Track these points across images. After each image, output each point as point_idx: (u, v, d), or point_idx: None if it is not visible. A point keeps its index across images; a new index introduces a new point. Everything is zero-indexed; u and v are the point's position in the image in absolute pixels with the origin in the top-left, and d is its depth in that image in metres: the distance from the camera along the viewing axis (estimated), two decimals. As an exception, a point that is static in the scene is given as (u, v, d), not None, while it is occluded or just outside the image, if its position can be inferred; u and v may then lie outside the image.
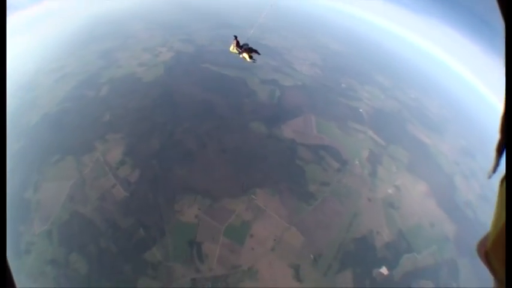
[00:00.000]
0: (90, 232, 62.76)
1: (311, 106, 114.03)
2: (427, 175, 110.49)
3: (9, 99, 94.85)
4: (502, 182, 2.25)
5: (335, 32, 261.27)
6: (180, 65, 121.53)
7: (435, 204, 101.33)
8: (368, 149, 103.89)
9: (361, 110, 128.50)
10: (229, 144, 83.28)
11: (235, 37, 22.99)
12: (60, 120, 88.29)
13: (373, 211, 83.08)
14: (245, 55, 22.90)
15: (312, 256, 67.44)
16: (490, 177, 2.58)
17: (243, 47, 22.89)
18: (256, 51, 23.76)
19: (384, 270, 72.72)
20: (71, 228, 63.41)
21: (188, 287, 57.42)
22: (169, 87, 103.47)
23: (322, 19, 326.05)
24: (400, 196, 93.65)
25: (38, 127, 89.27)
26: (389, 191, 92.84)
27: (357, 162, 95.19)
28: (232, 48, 23.12)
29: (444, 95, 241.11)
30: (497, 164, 2.44)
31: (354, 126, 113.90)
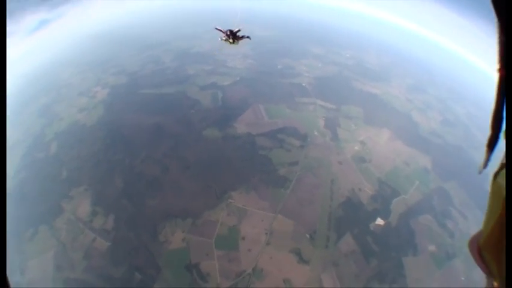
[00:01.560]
0: (89, 294, 63.42)
1: (255, 96, 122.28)
2: (386, 121, 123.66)
3: None
4: (494, 178, 2.42)
5: (258, 19, 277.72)
6: (118, 99, 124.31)
7: (403, 144, 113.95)
8: (322, 117, 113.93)
9: (304, 84, 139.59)
10: (190, 159, 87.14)
11: (230, 31, 24.88)
12: (21, 193, 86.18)
13: (347, 172, 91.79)
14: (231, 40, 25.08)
15: (307, 235, 73.16)
16: (480, 172, 2.79)
17: (236, 35, 25.05)
18: (248, 37, 26.24)
19: (379, 221, 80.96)
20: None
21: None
22: (115, 124, 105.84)
23: (242, 10, 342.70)
24: (367, 149, 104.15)
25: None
26: (356, 148, 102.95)
27: (316, 133, 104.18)
28: (226, 39, 24.98)
29: (378, 45, 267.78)
30: (488, 160, 2.68)
31: (302, 101, 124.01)
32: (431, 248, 79.27)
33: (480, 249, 2.56)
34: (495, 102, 2.47)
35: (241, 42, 25.78)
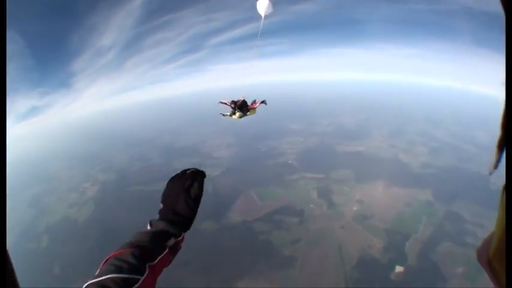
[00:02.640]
0: None
1: (245, 183, 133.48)
2: (377, 174, 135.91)
3: None
4: (504, 188, 2.41)
5: None
6: (108, 196, 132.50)
7: (399, 188, 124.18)
8: (314, 189, 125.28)
9: (290, 162, 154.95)
10: (188, 255, 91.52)
11: (234, 102, 21.04)
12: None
13: (352, 233, 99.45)
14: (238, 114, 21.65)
15: (331, 308, 77.61)
16: (491, 173, 2.80)
17: (244, 105, 21.22)
18: (263, 102, 22.23)
19: (398, 269, 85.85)
20: None
21: None
22: (107, 222, 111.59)
23: (216, 102, 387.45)
24: (366, 206, 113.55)
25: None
26: (355, 208, 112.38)
27: (312, 205, 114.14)
28: (237, 115, 21.08)
29: (351, 105, 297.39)
30: (498, 160, 2.67)
31: (291, 178, 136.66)
32: (459, 270, 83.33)
33: (489, 258, 2.61)
34: (505, 102, 2.47)
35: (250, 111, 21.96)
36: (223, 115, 22.14)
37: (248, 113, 21.60)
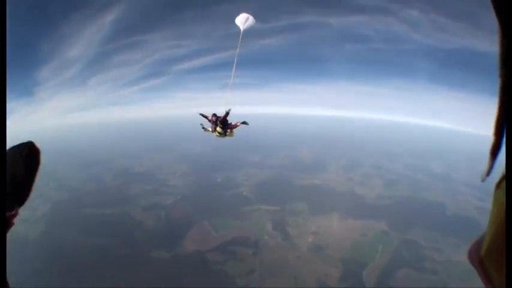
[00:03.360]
0: None
1: (199, 212, 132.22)
2: (332, 206, 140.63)
3: None
4: (496, 186, 2.47)
5: (192, 136, 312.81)
6: (60, 215, 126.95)
7: (354, 220, 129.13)
8: (269, 221, 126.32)
9: (245, 193, 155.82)
10: (139, 282, 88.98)
11: (216, 116, 21.36)
12: None
13: (308, 264, 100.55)
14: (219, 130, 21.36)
15: None
16: (483, 180, 2.84)
17: (226, 123, 21.33)
18: (244, 123, 22.72)
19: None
20: None
21: None
22: (57, 242, 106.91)
23: (175, 129, 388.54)
24: (321, 237, 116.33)
25: None
26: (310, 239, 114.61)
27: (266, 237, 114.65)
28: (217, 131, 21.30)
29: (308, 139, 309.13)
30: (491, 167, 2.74)
31: (246, 209, 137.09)
32: None
33: (481, 259, 2.62)
34: (497, 109, 2.55)
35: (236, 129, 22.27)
36: (204, 128, 21.98)
37: (227, 134, 21.42)
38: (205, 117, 22.06)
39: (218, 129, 21.11)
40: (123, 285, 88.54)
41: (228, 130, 21.41)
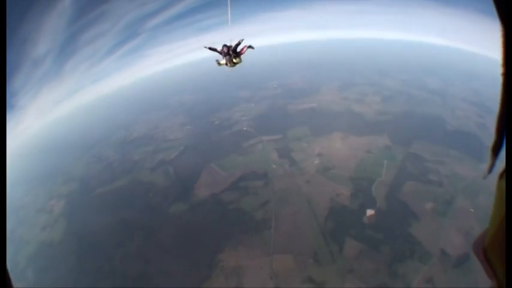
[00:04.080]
0: None
1: (204, 158, 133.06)
2: (333, 126, 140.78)
3: None
4: (500, 177, 2.54)
5: (181, 87, 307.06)
6: (76, 206, 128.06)
7: (357, 137, 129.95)
8: (274, 150, 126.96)
9: (245, 128, 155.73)
10: (167, 241, 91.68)
11: (227, 47, 20.64)
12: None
13: (318, 186, 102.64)
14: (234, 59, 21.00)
15: (311, 260, 79.83)
16: (485, 177, 3.01)
17: (237, 51, 21.02)
18: (250, 47, 22.09)
19: (369, 212, 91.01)
20: None
21: None
22: (82, 233, 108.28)
23: (161, 86, 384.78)
24: (327, 158, 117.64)
25: None
26: (316, 162, 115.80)
27: (274, 166, 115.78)
28: (226, 62, 20.91)
29: (297, 65, 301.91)
30: (492, 165, 2.80)
31: (249, 144, 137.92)
32: (429, 205, 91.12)
33: (485, 250, 2.72)
34: (499, 106, 2.62)
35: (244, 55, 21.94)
36: (218, 63, 21.59)
37: (236, 62, 21.08)
38: (214, 49, 21.36)
39: (235, 59, 20.95)
40: (151, 248, 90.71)
41: (238, 58, 21.27)
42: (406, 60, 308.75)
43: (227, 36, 21.19)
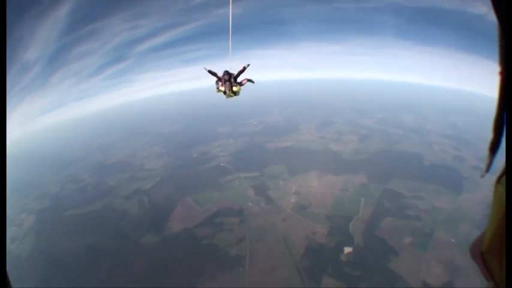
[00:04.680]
0: None
1: (180, 191, 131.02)
2: (310, 165, 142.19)
3: None
4: (497, 181, 2.55)
5: (160, 118, 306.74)
6: (46, 224, 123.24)
7: (333, 176, 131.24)
8: (250, 187, 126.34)
9: (222, 164, 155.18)
10: (136, 272, 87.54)
11: (228, 74, 19.79)
12: None
13: (294, 224, 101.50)
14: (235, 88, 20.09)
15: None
16: (483, 176, 3.04)
17: (237, 80, 20.32)
18: (250, 80, 21.60)
19: (347, 249, 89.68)
20: None
21: None
22: (50, 252, 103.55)
23: (143, 112, 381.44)
24: (304, 196, 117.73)
25: None
26: (293, 200, 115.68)
27: (250, 203, 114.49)
28: (227, 90, 19.88)
29: (277, 103, 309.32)
30: (490, 164, 2.85)
31: (226, 180, 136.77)
32: (408, 240, 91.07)
33: (483, 253, 2.74)
34: (497, 106, 2.64)
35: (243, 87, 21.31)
36: (218, 89, 20.12)
37: (235, 91, 20.04)
38: (214, 74, 20.36)
39: (235, 87, 19.86)
40: (120, 278, 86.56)
41: (238, 87, 20.36)
42: (383, 99, 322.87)
43: (218, 68, 20.38)
